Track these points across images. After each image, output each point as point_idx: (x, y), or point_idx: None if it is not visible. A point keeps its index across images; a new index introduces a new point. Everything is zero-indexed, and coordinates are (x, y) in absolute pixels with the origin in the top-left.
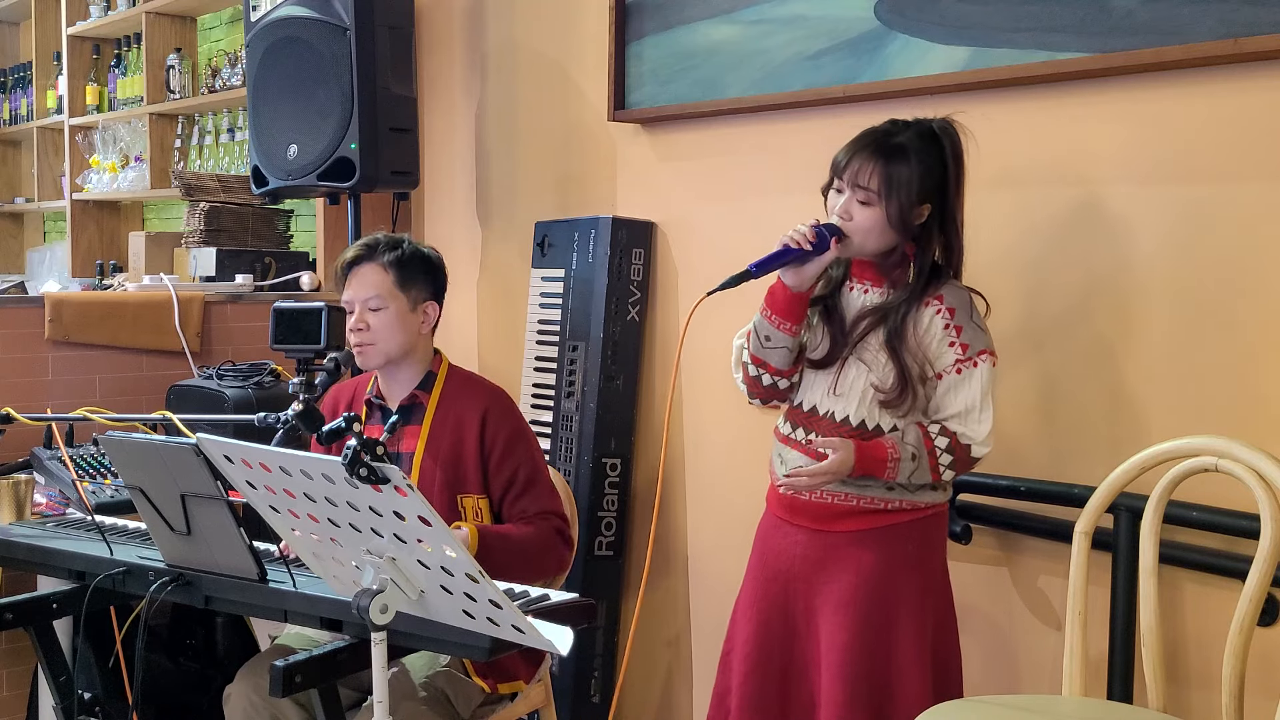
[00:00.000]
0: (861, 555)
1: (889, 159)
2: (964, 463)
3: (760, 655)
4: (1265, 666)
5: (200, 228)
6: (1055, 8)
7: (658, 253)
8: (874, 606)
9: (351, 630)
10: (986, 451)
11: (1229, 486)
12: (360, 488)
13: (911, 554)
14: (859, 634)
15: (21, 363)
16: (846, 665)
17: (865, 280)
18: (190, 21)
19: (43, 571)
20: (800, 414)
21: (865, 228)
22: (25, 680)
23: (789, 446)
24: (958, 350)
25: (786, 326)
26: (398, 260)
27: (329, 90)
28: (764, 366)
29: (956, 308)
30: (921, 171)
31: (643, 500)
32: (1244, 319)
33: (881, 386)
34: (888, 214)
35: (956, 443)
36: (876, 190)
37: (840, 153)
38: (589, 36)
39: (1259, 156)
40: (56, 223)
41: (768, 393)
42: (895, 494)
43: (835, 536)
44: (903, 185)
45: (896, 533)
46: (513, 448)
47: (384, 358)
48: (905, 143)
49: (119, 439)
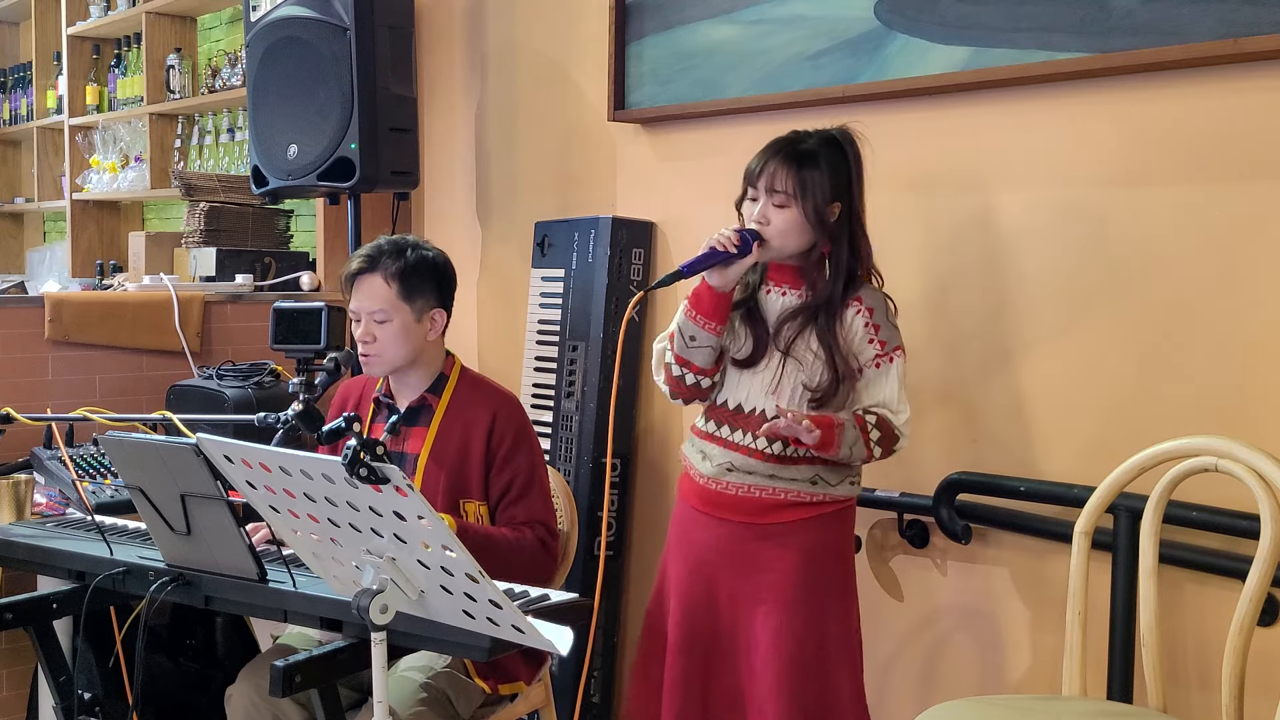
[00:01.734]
0: (789, 546)
1: (800, 163)
2: (889, 440)
3: (685, 645)
4: (1265, 666)
5: (200, 228)
6: (1055, 8)
7: (658, 253)
8: (805, 593)
9: (351, 630)
10: (906, 439)
11: (1229, 486)
12: (360, 488)
13: (835, 543)
14: (790, 620)
15: (21, 363)
16: (780, 650)
17: (784, 284)
18: (190, 21)
19: (43, 571)
20: (725, 412)
21: (783, 229)
22: (25, 680)
23: (712, 443)
24: (876, 347)
25: (711, 326)
26: (401, 271)
27: (329, 90)
28: (688, 366)
29: (875, 308)
30: (830, 172)
31: (643, 500)
32: (1244, 319)
33: (810, 384)
34: (804, 213)
35: (883, 420)
36: (791, 192)
37: (752, 162)
38: (589, 36)
39: (1259, 156)
40: (56, 223)
41: (690, 392)
42: (818, 488)
43: (761, 529)
44: (815, 186)
45: (821, 524)
46: (515, 453)
47: (390, 367)
48: (813, 148)
49: (119, 439)
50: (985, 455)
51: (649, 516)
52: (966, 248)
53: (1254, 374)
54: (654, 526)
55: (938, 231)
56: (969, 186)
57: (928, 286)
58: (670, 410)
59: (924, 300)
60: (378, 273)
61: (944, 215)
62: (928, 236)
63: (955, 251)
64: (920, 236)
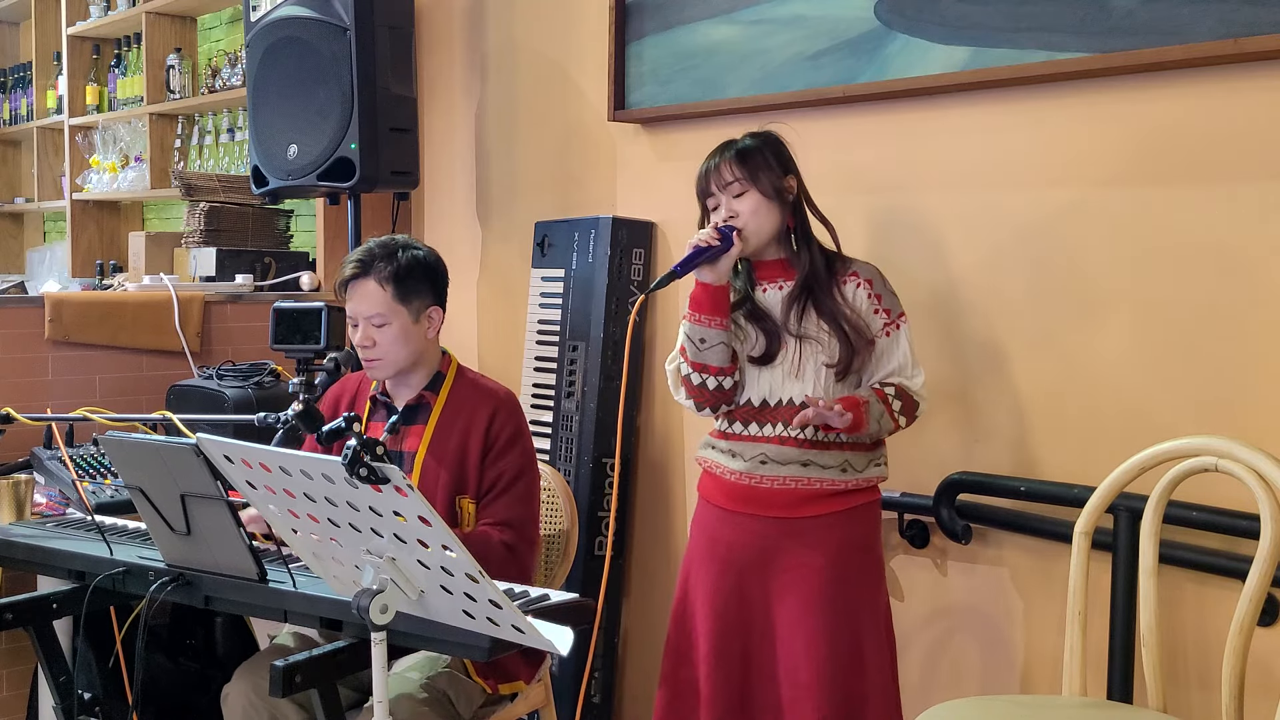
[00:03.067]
0: (818, 539)
1: (740, 152)
2: (911, 407)
3: (720, 650)
4: (1265, 666)
5: (200, 228)
6: (1055, 8)
7: (658, 253)
8: (836, 585)
9: (351, 630)
10: (925, 402)
11: (1229, 486)
12: (360, 488)
13: (863, 536)
14: (825, 615)
15: (21, 363)
16: (816, 645)
17: (776, 278)
18: (190, 21)
19: (43, 571)
20: (750, 410)
21: (751, 210)
22: (25, 680)
23: (741, 441)
24: (883, 316)
25: (716, 322)
26: (394, 274)
27: (329, 90)
28: (706, 370)
29: (873, 279)
30: (772, 153)
31: (643, 500)
32: (1245, 319)
33: (830, 361)
34: (763, 191)
35: (901, 389)
36: (744, 176)
37: (699, 177)
38: (589, 36)
39: (1259, 156)
40: (56, 223)
41: (715, 396)
42: (848, 474)
43: (791, 524)
44: (762, 166)
45: (850, 517)
46: (506, 451)
47: (394, 369)
48: (745, 142)
49: (119, 439)
50: (985, 455)
51: (649, 516)
52: (966, 248)
53: (1254, 374)
54: (654, 526)
55: (937, 232)
56: (968, 187)
57: (927, 287)
58: (670, 411)
59: (924, 300)
60: (371, 277)
61: (943, 216)
62: (927, 237)
63: (955, 252)
64: (919, 237)
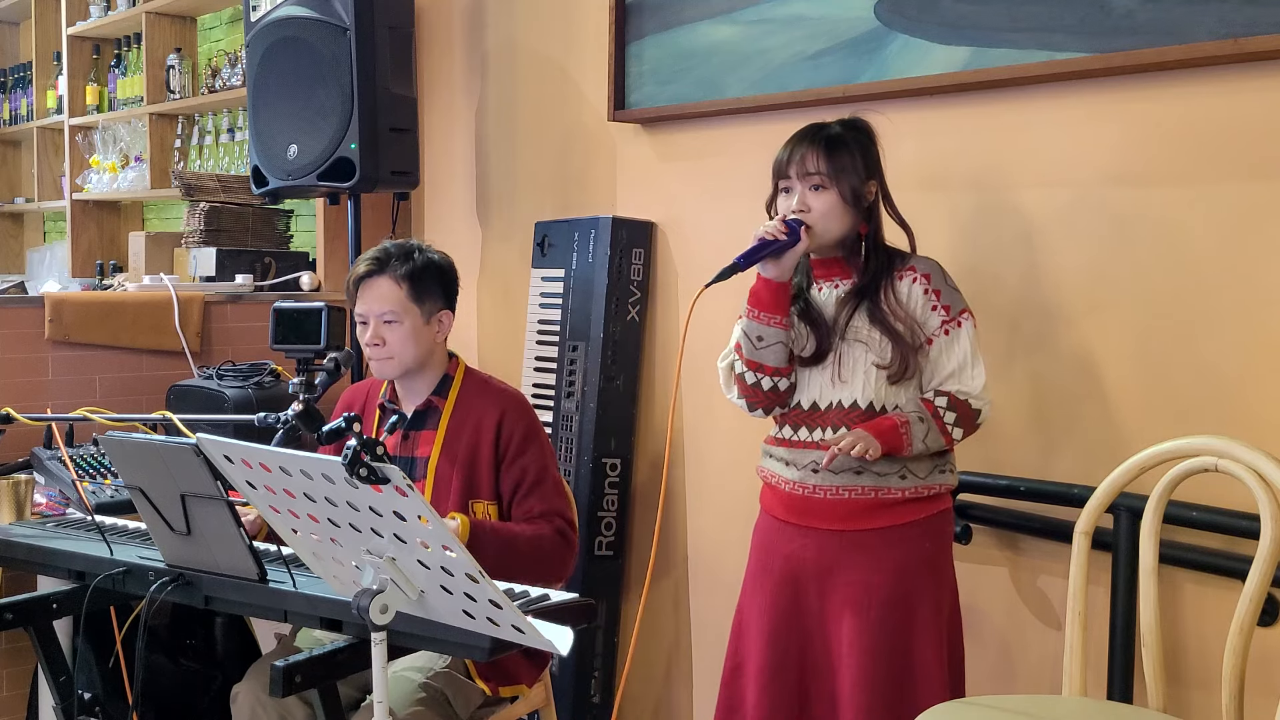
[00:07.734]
0: (878, 556)
1: (830, 145)
2: (968, 418)
3: (775, 666)
4: (1265, 666)
5: (200, 228)
6: (1055, 8)
7: (658, 253)
8: (893, 608)
9: (351, 630)
10: (987, 405)
11: (1229, 486)
12: (360, 488)
13: (927, 552)
14: (879, 636)
15: (21, 363)
16: (868, 669)
17: (833, 277)
18: (190, 21)
19: (43, 571)
20: (800, 413)
21: (824, 210)
22: (25, 680)
23: (794, 448)
24: (941, 313)
25: (776, 320)
26: (410, 273)
27: (329, 90)
28: (761, 369)
29: (931, 274)
30: (860, 152)
31: (643, 500)
32: (1245, 319)
33: (882, 362)
34: (841, 193)
35: (954, 399)
36: (827, 173)
37: (780, 154)
38: (589, 36)
39: (1259, 156)
40: (56, 223)
41: (769, 398)
42: (908, 481)
43: (852, 537)
44: (849, 166)
45: (913, 531)
46: (525, 448)
47: (402, 369)
48: (839, 132)
49: (119, 439)
50: (985, 455)
51: (649, 516)
52: (966, 249)
53: (1254, 374)
54: (654, 526)
55: (937, 233)
56: (968, 187)
57: None
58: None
59: None
60: (387, 275)
61: (943, 216)
62: (927, 237)
63: (955, 253)
64: (919, 237)
